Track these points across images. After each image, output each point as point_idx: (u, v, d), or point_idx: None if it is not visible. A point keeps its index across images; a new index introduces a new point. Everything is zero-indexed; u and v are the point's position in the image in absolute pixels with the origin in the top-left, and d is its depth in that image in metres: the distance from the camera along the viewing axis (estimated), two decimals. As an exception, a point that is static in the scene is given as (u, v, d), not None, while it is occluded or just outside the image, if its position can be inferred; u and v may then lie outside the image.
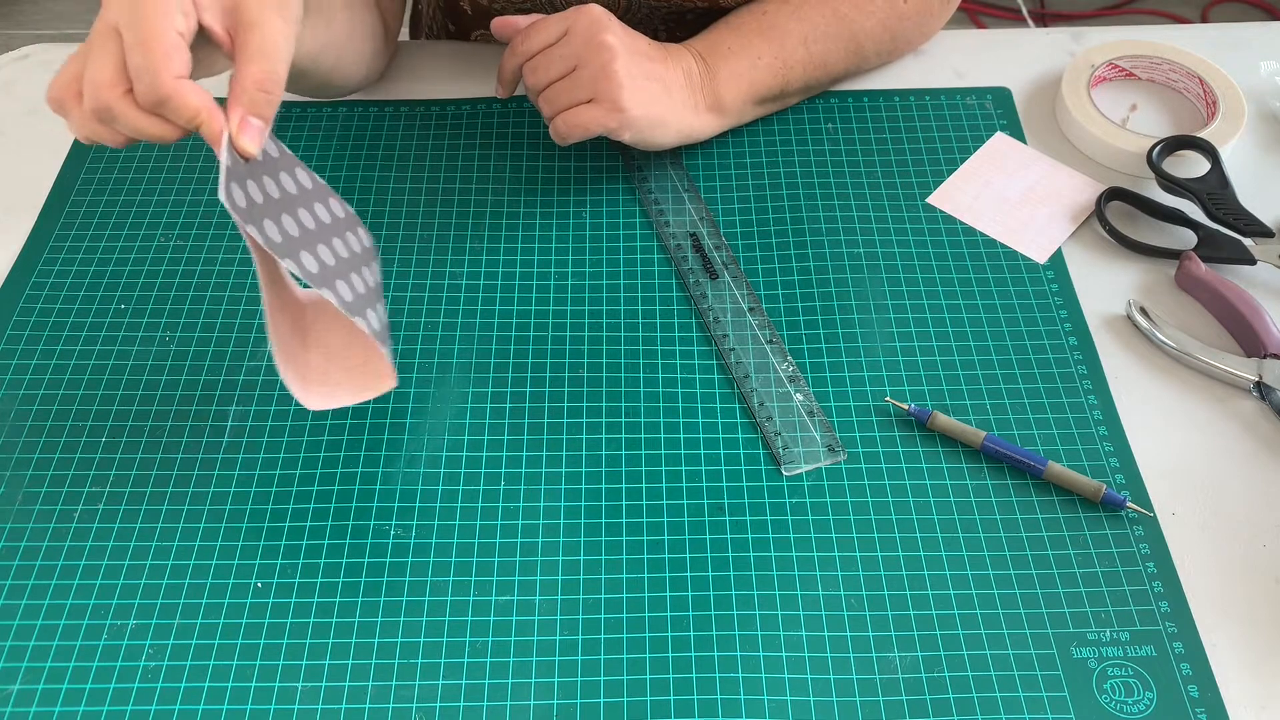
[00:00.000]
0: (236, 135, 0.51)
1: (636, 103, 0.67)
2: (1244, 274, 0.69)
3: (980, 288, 0.69)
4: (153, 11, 0.49)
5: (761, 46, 0.72)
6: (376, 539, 0.58)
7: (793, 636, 0.54)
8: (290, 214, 0.55)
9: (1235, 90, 0.77)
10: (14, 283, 0.70)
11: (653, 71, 0.68)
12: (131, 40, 0.49)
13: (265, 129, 0.52)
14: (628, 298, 0.68)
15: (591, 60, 0.66)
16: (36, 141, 0.78)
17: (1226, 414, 0.63)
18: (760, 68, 0.72)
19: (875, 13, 0.75)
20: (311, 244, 0.55)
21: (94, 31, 0.51)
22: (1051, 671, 0.53)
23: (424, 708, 0.53)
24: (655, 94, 0.68)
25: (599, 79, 0.66)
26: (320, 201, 0.59)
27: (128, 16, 0.49)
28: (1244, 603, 0.56)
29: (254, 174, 0.53)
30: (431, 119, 0.79)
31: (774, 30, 0.73)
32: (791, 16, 0.73)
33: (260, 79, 0.51)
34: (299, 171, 0.58)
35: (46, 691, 0.53)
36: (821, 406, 0.63)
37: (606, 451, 0.61)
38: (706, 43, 0.73)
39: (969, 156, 0.76)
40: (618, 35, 0.67)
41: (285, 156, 0.57)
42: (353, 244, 0.61)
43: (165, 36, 0.49)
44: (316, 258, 0.55)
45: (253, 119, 0.51)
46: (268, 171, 0.55)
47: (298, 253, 0.53)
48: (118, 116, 0.51)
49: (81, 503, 0.60)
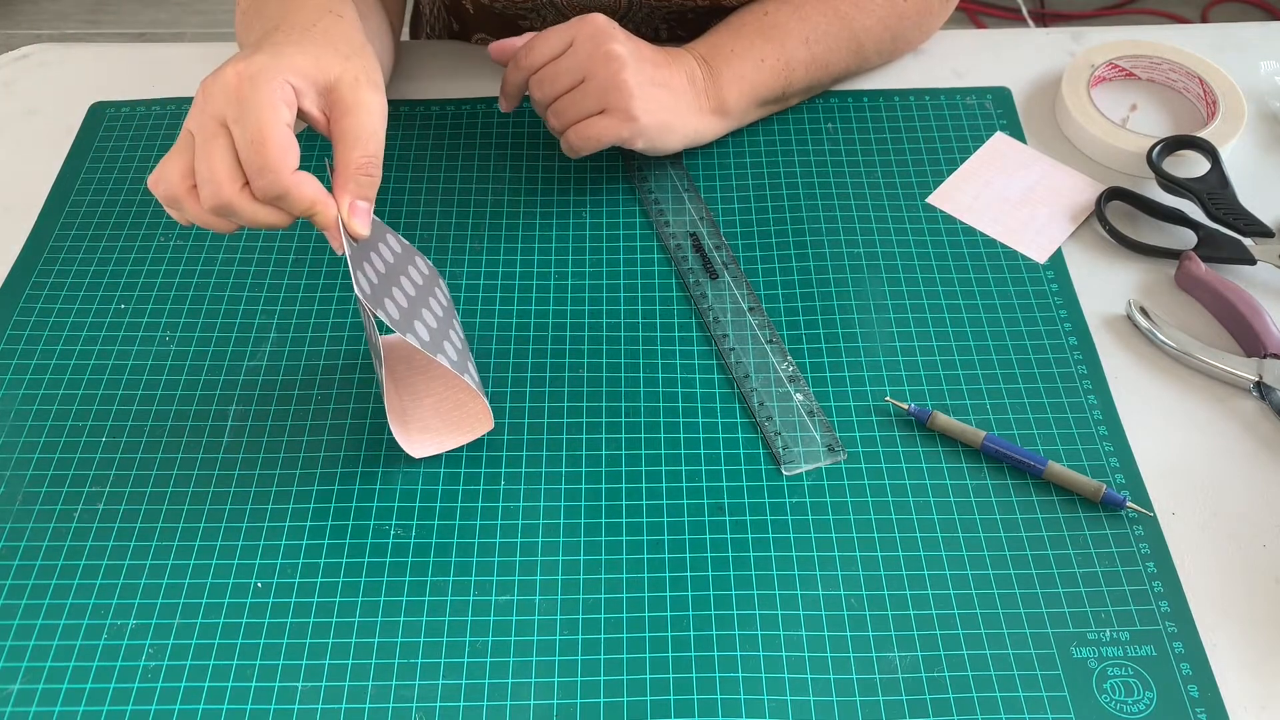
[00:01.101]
0: (348, 220, 0.53)
1: (647, 110, 0.67)
2: (1244, 274, 0.69)
3: (980, 288, 0.69)
4: (264, 109, 0.50)
5: (764, 48, 0.72)
6: (376, 539, 0.58)
7: (793, 636, 0.54)
8: (396, 285, 0.57)
9: (1235, 90, 0.77)
10: (14, 283, 0.70)
11: (659, 78, 0.68)
12: (245, 139, 0.50)
13: (370, 209, 0.54)
14: (628, 298, 0.68)
15: (600, 71, 0.66)
16: (36, 141, 0.78)
17: (1226, 414, 0.63)
18: (763, 69, 0.72)
19: (876, 11, 0.75)
20: (417, 310, 0.57)
21: (197, 125, 0.52)
22: (1051, 671, 0.54)
23: (424, 708, 0.53)
24: (664, 101, 0.68)
25: (609, 90, 0.66)
26: (410, 264, 0.61)
27: (237, 112, 0.50)
28: (1244, 603, 0.56)
29: (365, 254, 0.55)
30: (431, 119, 0.79)
31: (776, 30, 0.73)
32: (793, 16, 0.73)
33: (362, 164, 0.53)
34: (389, 238, 0.59)
35: (46, 692, 0.53)
36: (821, 406, 0.63)
37: (606, 451, 0.61)
38: (708, 45, 0.73)
39: (969, 156, 0.76)
40: (624, 44, 0.67)
41: (378, 226, 0.58)
42: (441, 299, 0.63)
43: (278, 133, 0.50)
44: (425, 324, 0.57)
45: (359, 202, 0.53)
46: (371, 247, 0.57)
47: (411, 323, 0.56)
48: (237, 211, 0.52)
49: (81, 503, 0.60)
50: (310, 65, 0.53)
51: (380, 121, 0.54)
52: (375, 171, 0.54)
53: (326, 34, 0.56)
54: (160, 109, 0.80)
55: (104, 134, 0.78)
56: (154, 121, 0.79)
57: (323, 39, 0.55)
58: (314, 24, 0.57)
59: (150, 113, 0.80)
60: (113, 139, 0.78)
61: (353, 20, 0.60)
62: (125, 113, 0.80)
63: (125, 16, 2.21)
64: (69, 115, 0.80)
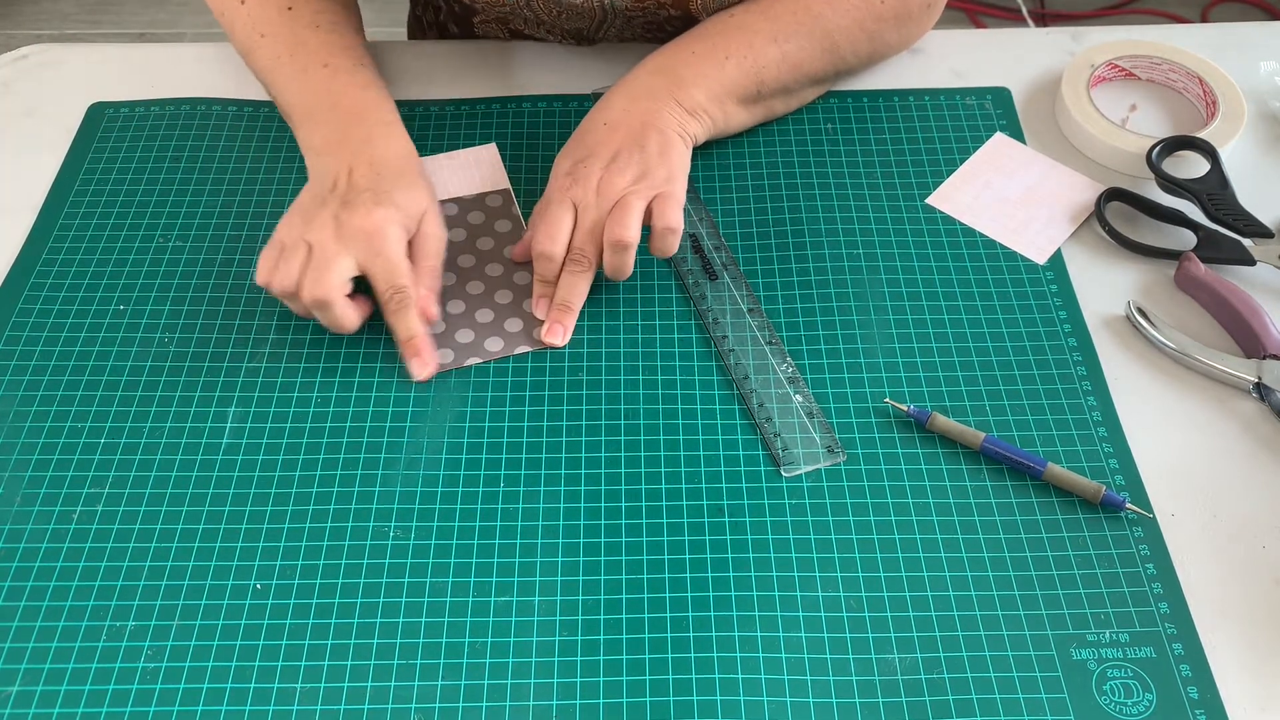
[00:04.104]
0: (426, 307, 0.65)
1: (675, 180, 0.67)
2: (1244, 274, 0.69)
3: (980, 288, 0.69)
4: (394, 256, 0.65)
5: (727, 46, 0.72)
6: (376, 539, 0.58)
7: (792, 638, 0.55)
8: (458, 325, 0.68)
9: (1235, 90, 0.77)
10: (14, 283, 0.70)
11: (635, 134, 0.68)
12: (383, 283, 0.64)
13: (435, 295, 0.66)
14: (627, 299, 0.68)
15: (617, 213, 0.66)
16: (36, 142, 0.78)
17: (1226, 414, 0.63)
18: (728, 66, 0.72)
19: (850, 11, 0.74)
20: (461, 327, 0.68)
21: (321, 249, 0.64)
22: (1051, 673, 0.54)
23: (424, 708, 0.53)
24: (677, 162, 0.68)
25: (653, 188, 0.66)
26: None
27: (369, 259, 0.64)
28: (1244, 603, 0.56)
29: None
30: (431, 119, 0.79)
31: (741, 30, 0.72)
32: (760, 16, 0.73)
33: (430, 268, 0.66)
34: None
35: (46, 693, 0.53)
36: (821, 407, 0.63)
37: (606, 453, 0.61)
38: (669, 52, 0.73)
39: (969, 157, 0.76)
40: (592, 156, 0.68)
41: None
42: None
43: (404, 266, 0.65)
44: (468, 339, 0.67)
45: (428, 292, 0.65)
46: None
47: (480, 347, 0.67)
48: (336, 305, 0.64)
49: (81, 503, 0.60)
50: (413, 207, 0.66)
51: (441, 244, 0.67)
52: (437, 276, 0.67)
53: (406, 166, 0.68)
54: (160, 109, 0.80)
55: (103, 134, 0.78)
56: (153, 122, 0.79)
57: (411, 173, 0.68)
58: (395, 155, 0.68)
59: (149, 113, 0.79)
60: (112, 139, 0.78)
61: (396, 120, 0.72)
62: (124, 113, 0.80)
63: (125, 16, 2.21)
64: (68, 115, 0.80)
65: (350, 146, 0.68)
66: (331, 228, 0.64)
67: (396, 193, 0.66)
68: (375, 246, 0.63)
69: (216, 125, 0.79)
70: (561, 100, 0.80)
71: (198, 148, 0.77)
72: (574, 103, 0.80)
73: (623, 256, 0.65)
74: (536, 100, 0.80)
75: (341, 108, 0.70)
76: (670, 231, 0.65)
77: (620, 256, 0.65)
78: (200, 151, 0.77)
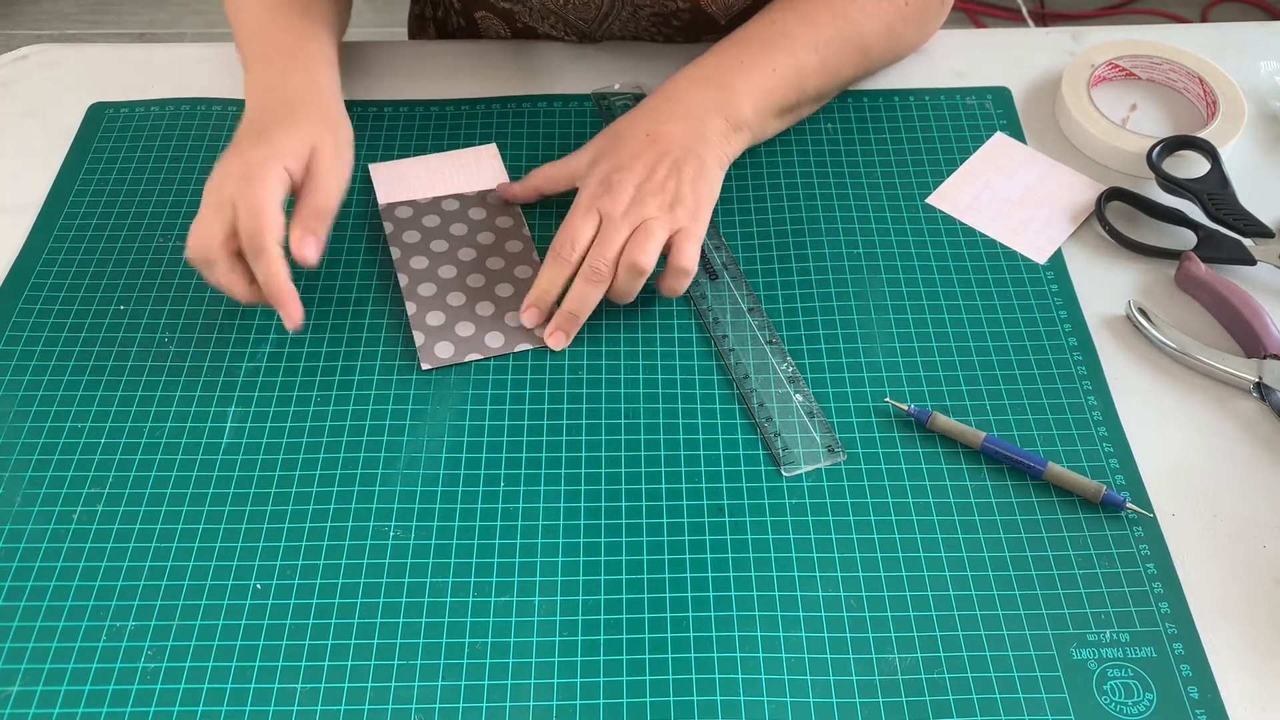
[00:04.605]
0: (296, 247, 0.62)
1: (701, 215, 0.66)
2: (1244, 274, 0.69)
3: (980, 288, 0.69)
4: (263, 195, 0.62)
5: (775, 57, 0.71)
6: (376, 539, 0.58)
7: (793, 637, 0.54)
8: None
9: (1235, 90, 0.77)
10: (14, 283, 0.70)
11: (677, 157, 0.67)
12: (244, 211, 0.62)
13: (319, 242, 0.64)
14: (627, 298, 0.68)
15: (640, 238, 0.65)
16: (36, 142, 0.78)
17: (1226, 414, 0.63)
18: (775, 78, 0.71)
19: (881, 15, 0.74)
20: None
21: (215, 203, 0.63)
22: (1051, 673, 0.53)
23: (424, 708, 0.53)
24: (706, 193, 0.67)
25: (676, 221, 0.65)
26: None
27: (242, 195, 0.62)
28: (1244, 603, 0.56)
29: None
30: (431, 119, 0.79)
31: (784, 39, 0.72)
32: (801, 23, 0.72)
33: (312, 208, 0.64)
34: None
35: (46, 693, 0.53)
36: (821, 407, 0.63)
37: (606, 452, 0.61)
38: (714, 61, 0.72)
39: (969, 156, 0.76)
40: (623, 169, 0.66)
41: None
42: None
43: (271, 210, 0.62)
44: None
45: (308, 236, 0.63)
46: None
47: (480, 342, 0.67)
48: (218, 264, 0.63)
49: (81, 503, 0.60)
50: (294, 145, 0.64)
51: (338, 194, 0.65)
52: (326, 220, 0.64)
53: (300, 104, 0.67)
54: (159, 109, 0.80)
55: (103, 134, 0.78)
56: (153, 122, 0.79)
57: (302, 110, 0.66)
58: (296, 92, 0.67)
59: (149, 113, 0.79)
60: (112, 139, 0.78)
61: (320, 57, 0.71)
62: (124, 113, 0.80)
63: (125, 17, 2.21)
64: (68, 116, 0.80)
65: (262, 89, 0.68)
66: (216, 178, 0.63)
67: (276, 132, 0.64)
68: (241, 190, 0.62)
69: (217, 125, 0.79)
70: (562, 100, 0.80)
71: (198, 148, 0.77)
72: (574, 103, 0.80)
73: (635, 281, 0.65)
74: (537, 100, 0.80)
75: (278, 51, 0.70)
76: (684, 273, 0.65)
77: (633, 281, 0.65)
78: (200, 151, 0.77)
